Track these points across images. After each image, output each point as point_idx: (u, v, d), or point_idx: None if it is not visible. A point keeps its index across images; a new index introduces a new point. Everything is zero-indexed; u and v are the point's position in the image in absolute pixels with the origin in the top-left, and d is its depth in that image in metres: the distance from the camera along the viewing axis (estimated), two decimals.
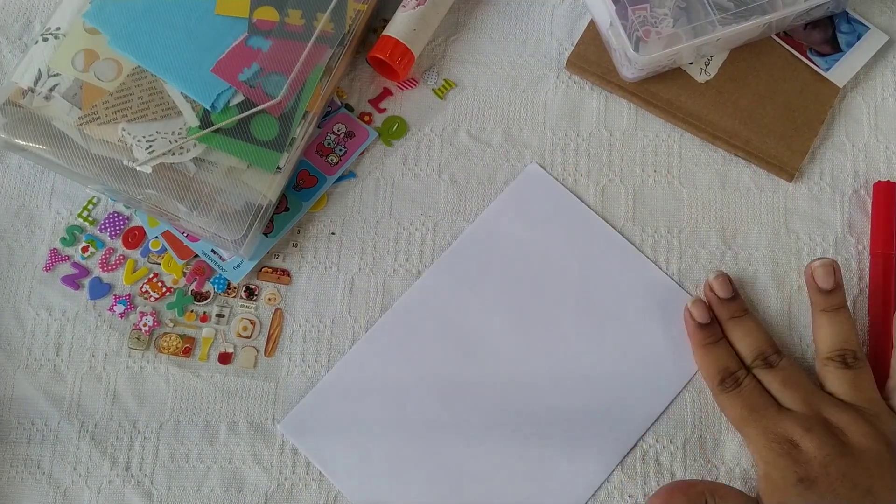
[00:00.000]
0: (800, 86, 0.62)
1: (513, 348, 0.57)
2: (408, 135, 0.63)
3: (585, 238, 0.59)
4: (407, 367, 0.57)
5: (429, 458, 0.55)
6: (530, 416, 0.56)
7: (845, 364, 0.52)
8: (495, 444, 0.55)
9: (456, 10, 0.66)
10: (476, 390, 0.56)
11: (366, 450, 0.55)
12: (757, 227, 0.61)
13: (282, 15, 0.58)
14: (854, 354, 0.52)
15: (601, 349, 0.57)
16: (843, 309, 0.54)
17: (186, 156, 0.55)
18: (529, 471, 0.55)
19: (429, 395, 0.56)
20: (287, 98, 0.57)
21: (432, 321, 0.58)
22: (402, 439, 0.55)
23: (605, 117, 0.63)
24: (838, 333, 0.53)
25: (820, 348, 0.54)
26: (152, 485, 0.55)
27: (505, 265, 0.59)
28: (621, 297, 0.58)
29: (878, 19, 0.64)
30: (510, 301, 0.58)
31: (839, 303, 0.54)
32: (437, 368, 0.57)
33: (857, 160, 0.62)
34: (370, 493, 0.54)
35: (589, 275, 0.58)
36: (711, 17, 0.57)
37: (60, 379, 0.57)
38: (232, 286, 0.59)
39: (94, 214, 0.61)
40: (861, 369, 0.52)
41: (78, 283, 0.59)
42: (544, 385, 0.56)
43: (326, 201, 0.61)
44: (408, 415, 0.56)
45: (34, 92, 0.56)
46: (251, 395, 0.57)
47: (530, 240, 0.59)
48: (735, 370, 0.53)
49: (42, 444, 0.56)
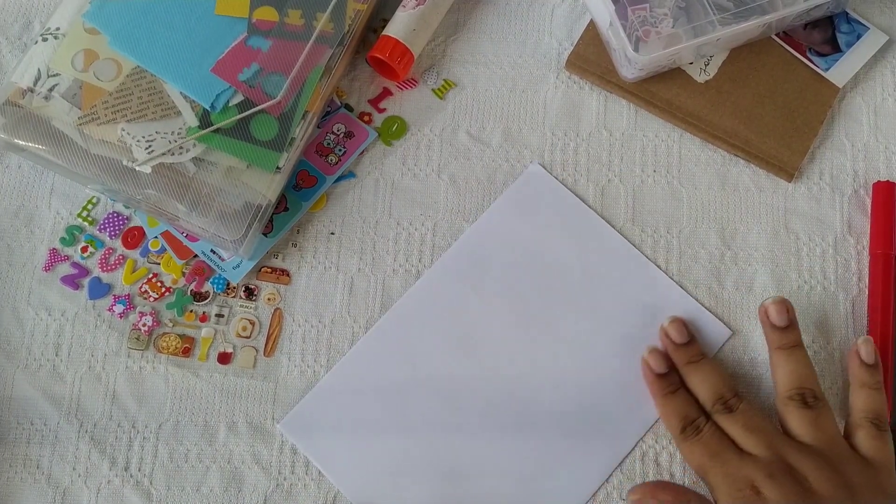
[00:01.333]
0: (800, 86, 0.62)
1: (513, 349, 0.57)
2: (407, 135, 0.63)
3: (587, 239, 0.59)
4: (408, 367, 0.57)
5: (429, 458, 0.55)
6: (530, 416, 0.56)
7: (805, 404, 0.51)
8: (495, 444, 0.55)
9: (456, 10, 0.66)
10: (476, 390, 0.56)
11: (366, 449, 0.55)
12: (757, 228, 0.61)
13: (281, 15, 0.59)
14: (813, 394, 0.52)
15: (601, 350, 0.57)
16: (798, 347, 0.53)
17: (186, 156, 0.55)
18: (529, 471, 0.55)
19: (429, 396, 0.56)
20: (287, 98, 0.57)
21: (433, 321, 0.58)
22: (402, 439, 0.55)
23: (605, 117, 0.63)
24: (795, 371, 0.53)
25: (779, 388, 0.53)
26: (151, 485, 0.55)
27: (506, 265, 0.59)
28: (622, 299, 0.58)
29: (877, 19, 0.64)
30: (511, 301, 0.58)
31: (794, 340, 0.53)
32: (438, 369, 0.57)
33: (857, 160, 0.62)
34: (370, 492, 0.54)
35: (590, 276, 0.58)
36: (711, 17, 0.57)
37: (60, 379, 0.57)
38: (231, 286, 0.59)
39: (94, 214, 0.61)
40: (822, 409, 0.51)
41: (77, 283, 0.59)
42: (544, 386, 0.56)
43: (326, 201, 0.61)
44: (408, 415, 0.56)
45: (34, 92, 0.56)
46: (250, 395, 0.57)
47: (531, 240, 0.59)
48: (695, 417, 0.53)
49: (41, 444, 0.56)
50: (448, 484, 0.54)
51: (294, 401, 0.57)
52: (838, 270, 0.60)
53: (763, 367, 0.57)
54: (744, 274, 0.60)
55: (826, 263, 0.60)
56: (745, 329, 0.58)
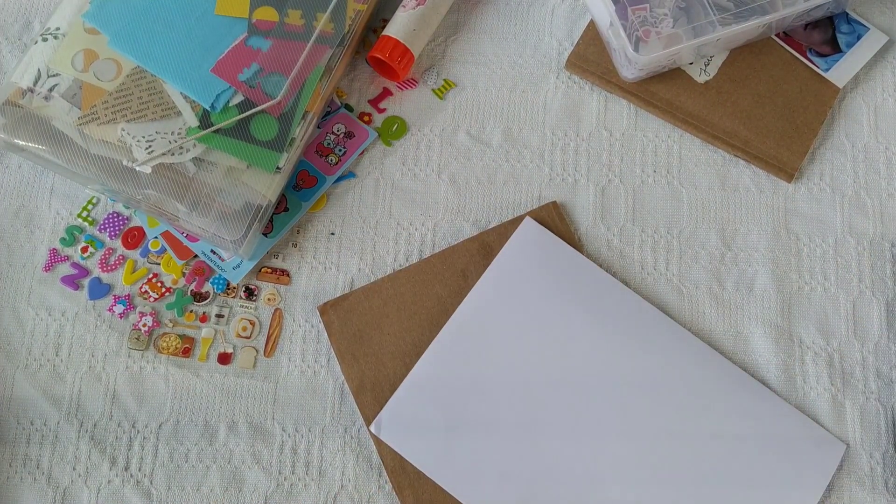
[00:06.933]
0: (800, 86, 0.62)
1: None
2: (407, 135, 0.63)
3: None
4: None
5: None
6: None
7: None
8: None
9: (456, 10, 0.66)
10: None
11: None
12: (757, 228, 0.61)
13: (281, 15, 0.58)
14: None
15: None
16: None
17: (186, 156, 0.55)
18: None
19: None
20: (287, 98, 0.57)
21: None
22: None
23: (605, 117, 0.63)
24: None
25: None
26: (152, 485, 0.55)
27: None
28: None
29: (878, 20, 0.64)
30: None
31: None
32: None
33: (857, 161, 0.62)
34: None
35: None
36: (711, 18, 0.57)
37: (60, 379, 0.57)
38: (231, 286, 0.59)
39: (94, 214, 0.61)
40: None
41: (77, 283, 0.59)
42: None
43: (326, 201, 0.61)
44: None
45: (34, 92, 0.56)
46: (251, 395, 0.57)
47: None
48: None
49: (41, 444, 0.56)
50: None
51: (294, 401, 0.57)
52: (839, 271, 0.60)
53: (764, 369, 0.57)
54: (744, 274, 0.60)
55: (826, 264, 0.60)
56: (746, 330, 0.58)
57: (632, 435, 0.55)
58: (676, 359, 0.57)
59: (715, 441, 0.55)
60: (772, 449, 0.55)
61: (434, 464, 0.55)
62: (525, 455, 0.55)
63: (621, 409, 0.56)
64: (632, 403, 0.56)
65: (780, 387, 0.57)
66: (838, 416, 0.57)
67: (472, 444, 0.55)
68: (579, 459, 0.55)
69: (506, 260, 0.59)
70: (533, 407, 0.56)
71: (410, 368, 0.57)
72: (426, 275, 0.59)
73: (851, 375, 0.58)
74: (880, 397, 0.57)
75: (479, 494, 0.54)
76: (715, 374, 0.57)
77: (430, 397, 0.56)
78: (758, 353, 0.58)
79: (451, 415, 0.56)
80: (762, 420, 0.56)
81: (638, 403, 0.56)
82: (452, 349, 0.57)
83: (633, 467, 0.55)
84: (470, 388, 0.56)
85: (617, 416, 0.56)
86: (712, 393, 0.56)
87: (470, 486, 0.54)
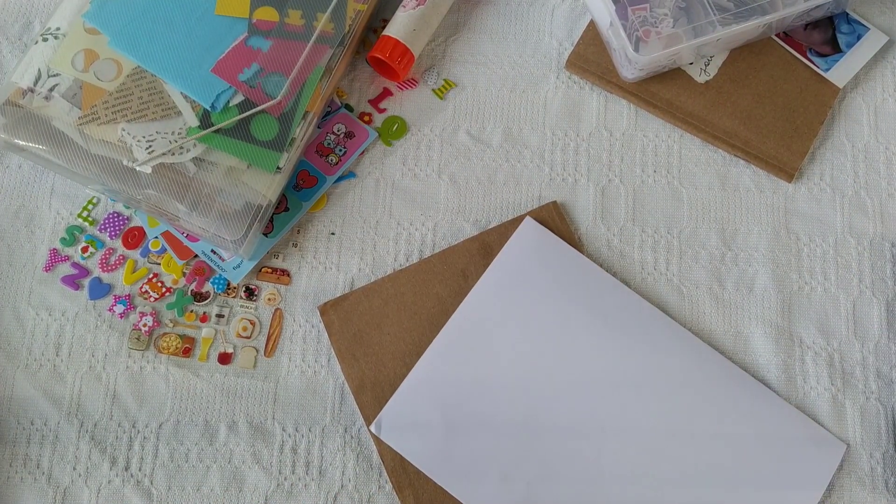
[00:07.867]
0: (800, 86, 0.62)
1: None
2: (408, 135, 0.63)
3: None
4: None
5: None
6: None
7: None
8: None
9: (456, 10, 0.66)
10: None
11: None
12: (757, 228, 0.61)
13: (282, 15, 0.58)
14: None
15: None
16: None
17: (186, 156, 0.55)
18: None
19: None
20: (287, 98, 0.57)
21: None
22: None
23: (605, 117, 0.63)
24: None
25: None
26: (152, 484, 0.55)
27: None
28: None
29: (878, 20, 0.64)
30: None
31: None
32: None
33: (857, 161, 0.62)
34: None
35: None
36: (711, 18, 0.57)
37: (60, 379, 0.57)
38: (232, 286, 0.59)
39: (94, 214, 0.61)
40: None
41: (78, 283, 0.59)
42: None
43: (326, 201, 0.61)
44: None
45: (34, 92, 0.56)
46: (251, 395, 0.57)
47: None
48: None
49: (42, 444, 0.56)
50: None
51: (295, 401, 0.57)
52: (839, 271, 0.60)
53: (764, 369, 0.57)
54: (744, 274, 0.60)
55: (826, 264, 0.60)
56: (746, 330, 0.58)
57: (632, 435, 0.55)
58: (676, 359, 0.57)
59: (715, 441, 0.55)
60: (772, 449, 0.55)
61: (434, 464, 0.55)
62: (525, 455, 0.55)
63: (621, 409, 0.56)
64: (632, 403, 0.56)
65: (781, 387, 0.57)
66: (838, 416, 0.57)
67: (472, 444, 0.55)
68: (579, 459, 0.55)
69: (506, 260, 0.59)
70: (533, 407, 0.56)
71: (410, 368, 0.57)
72: (426, 275, 0.59)
73: (852, 375, 0.58)
74: (880, 397, 0.57)
75: (479, 494, 0.54)
76: (715, 373, 0.57)
77: (430, 397, 0.56)
78: (758, 352, 0.58)
79: (451, 415, 0.56)
80: (762, 420, 0.56)
81: (638, 403, 0.56)
82: (452, 349, 0.57)
83: (633, 467, 0.55)
84: (470, 388, 0.56)
85: (617, 416, 0.56)
86: (712, 393, 0.56)
87: (470, 486, 0.54)
